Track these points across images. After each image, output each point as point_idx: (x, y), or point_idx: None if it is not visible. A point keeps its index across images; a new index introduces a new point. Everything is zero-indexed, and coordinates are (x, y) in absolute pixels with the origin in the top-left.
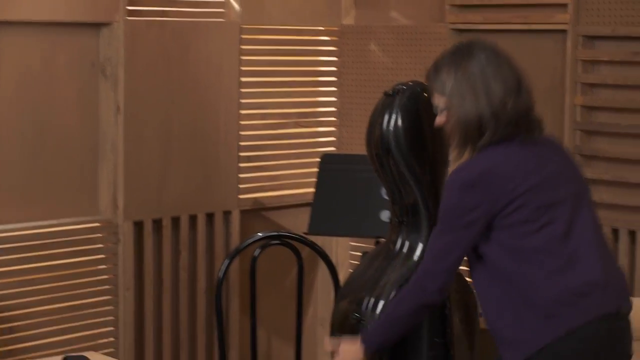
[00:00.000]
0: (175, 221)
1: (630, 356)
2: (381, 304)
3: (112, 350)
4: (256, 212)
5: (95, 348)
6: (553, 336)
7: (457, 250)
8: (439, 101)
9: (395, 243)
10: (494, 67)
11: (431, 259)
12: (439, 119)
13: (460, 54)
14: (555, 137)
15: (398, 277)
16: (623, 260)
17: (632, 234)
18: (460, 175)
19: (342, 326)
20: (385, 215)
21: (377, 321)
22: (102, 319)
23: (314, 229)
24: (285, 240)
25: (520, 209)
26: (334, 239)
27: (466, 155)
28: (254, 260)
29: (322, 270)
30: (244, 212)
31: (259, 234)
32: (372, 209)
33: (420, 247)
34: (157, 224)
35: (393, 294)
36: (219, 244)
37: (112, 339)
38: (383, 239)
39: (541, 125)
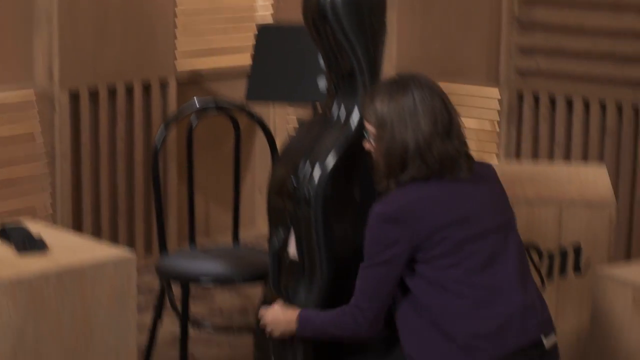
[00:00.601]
0: (112, 92)
1: None
2: (318, 170)
3: (49, 221)
4: (194, 81)
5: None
6: None
7: (383, 286)
8: (369, 128)
9: (331, 109)
10: (427, 106)
11: (360, 294)
12: (367, 145)
13: (396, 86)
14: (487, 167)
15: (334, 140)
16: (560, 129)
17: (569, 100)
18: (382, 210)
19: (279, 192)
20: (322, 82)
21: (317, 317)
22: (39, 190)
23: (251, 95)
24: (223, 108)
25: (441, 243)
26: (272, 107)
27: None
28: (191, 128)
29: (260, 137)
30: (181, 83)
31: (195, 102)
32: (309, 76)
33: (356, 112)
34: (94, 95)
35: (331, 160)
36: (156, 114)
37: (49, 209)
38: (319, 103)
39: (471, 166)
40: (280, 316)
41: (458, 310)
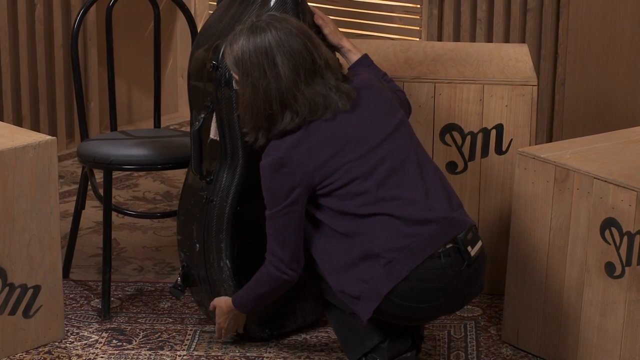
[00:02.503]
0: None
1: (471, 288)
2: None
3: None
4: None
5: None
6: (396, 280)
7: (290, 229)
8: (234, 77)
9: None
10: (285, 53)
11: (274, 242)
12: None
13: (253, 33)
14: (365, 72)
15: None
16: (481, 9)
17: None
18: (266, 162)
19: (199, 74)
20: None
21: (245, 289)
22: None
23: None
24: None
25: (333, 174)
26: None
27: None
28: (109, 9)
29: (181, 20)
30: None
31: None
32: None
33: None
34: None
35: None
36: None
37: None
38: None
39: (348, 93)
40: (223, 310)
41: (371, 229)
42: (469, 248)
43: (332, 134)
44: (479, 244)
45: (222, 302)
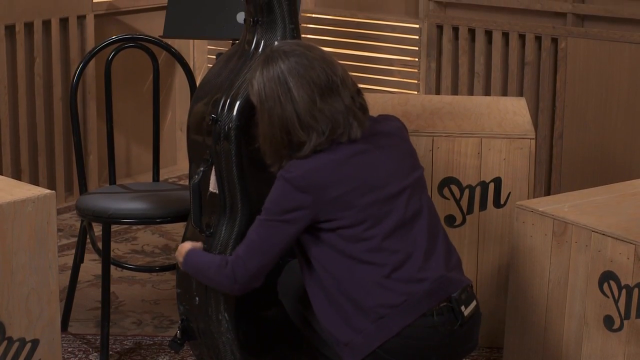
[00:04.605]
0: (29, 27)
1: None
2: (237, 104)
3: None
4: (111, 16)
5: None
6: (386, 336)
7: (273, 243)
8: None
9: (250, 43)
10: (297, 76)
11: (249, 246)
12: None
13: (265, 64)
14: (393, 121)
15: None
16: (479, 62)
17: (488, 33)
18: (288, 175)
19: (199, 128)
20: (241, 17)
21: (202, 257)
22: None
23: (168, 32)
24: (140, 42)
25: (345, 212)
26: (192, 43)
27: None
28: (108, 63)
29: (180, 74)
30: (98, 17)
31: (113, 37)
32: (228, 11)
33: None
34: (10, 29)
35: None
36: (74, 50)
37: None
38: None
39: (363, 121)
40: (181, 249)
41: (366, 279)
42: (463, 308)
43: (356, 170)
44: (474, 303)
45: (188, 243)
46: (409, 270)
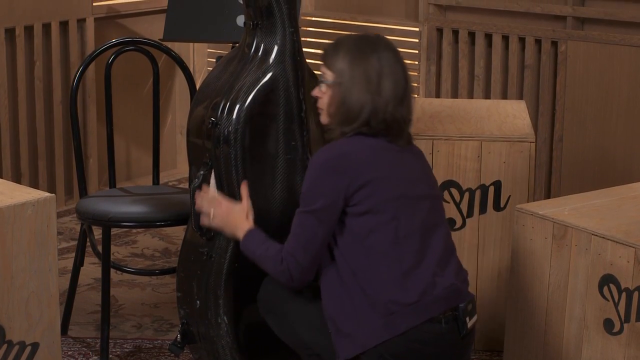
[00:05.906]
0: (29, 30)
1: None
2: (237, 107)
3: None
4: (111, 19)
5: None
6: (392, 334)
7: (317, 234)
8: (325, 74)
9: (250, 47)
10: (391, 71)
11: (296, 241)
12: (318, 91)
13: (365, 43)
14: (418, 148)
15: (254, 80)
16: (479, 65)
17: (488, 36)
18: (322, 156)
19: (198, 131)
20: (241, 20)
21: (260, 246)
22: None
23: (168, 35)
24: (140, 46)
25: (373, 196)
26: (192, 46)
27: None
28: (108, 66)
29: (180, 77)
30: (98, 20)
31: (113, 40)
32: (228, 14)
33: (275, 49)
34: (10, 33)
35: (249, 97)
36: (74, 53)
37: None
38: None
39: (410, 138)
40: (233, 215)
41: (384, 274)
42: (467, 319)
43: (391, 161)
44: (475, 317)
45: (241, 214)
46: (425, 273)
